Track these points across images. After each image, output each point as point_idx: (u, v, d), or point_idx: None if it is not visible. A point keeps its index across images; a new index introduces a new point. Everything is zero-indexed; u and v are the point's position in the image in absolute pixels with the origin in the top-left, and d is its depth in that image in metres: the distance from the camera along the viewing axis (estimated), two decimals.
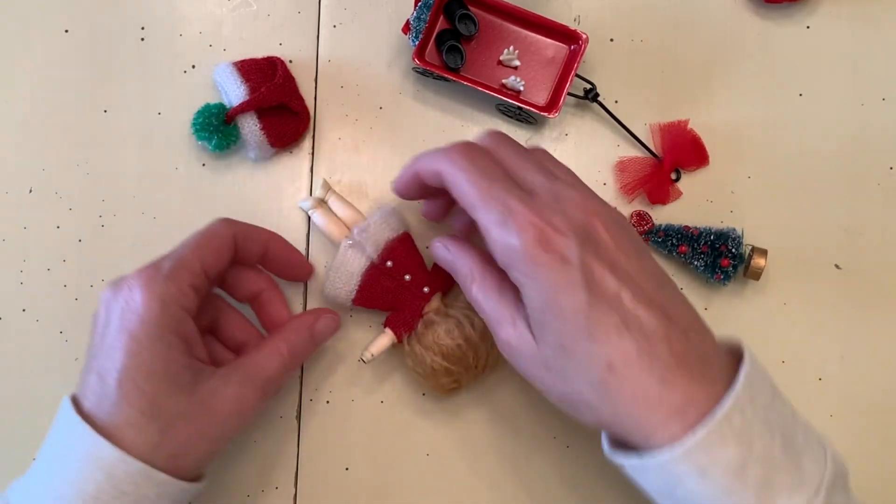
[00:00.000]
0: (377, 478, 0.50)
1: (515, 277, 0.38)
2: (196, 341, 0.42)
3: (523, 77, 0.51)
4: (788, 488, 0.36)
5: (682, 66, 0.53)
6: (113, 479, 0.38)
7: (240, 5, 0.53)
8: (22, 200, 0.52)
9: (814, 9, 0.53)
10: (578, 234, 0.37)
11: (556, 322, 0.37)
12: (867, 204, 0.52)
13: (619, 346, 0.36)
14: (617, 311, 0.37)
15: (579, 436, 0.51)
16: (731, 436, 0.35)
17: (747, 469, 0.35)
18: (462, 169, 0.39)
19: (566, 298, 0.36)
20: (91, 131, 0.52)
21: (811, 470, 0.37)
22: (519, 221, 0.37)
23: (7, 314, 0.51)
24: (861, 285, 0.52)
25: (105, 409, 0.39)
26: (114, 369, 0.39)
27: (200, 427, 0.40)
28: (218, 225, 0.45)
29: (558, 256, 0.37)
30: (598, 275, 0.37)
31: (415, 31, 0.49)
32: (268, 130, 0.50)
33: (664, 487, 0.37)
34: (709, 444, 0.35)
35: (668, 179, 0.52)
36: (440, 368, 0.47)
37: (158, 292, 0.40)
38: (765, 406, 0.37)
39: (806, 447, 0.37)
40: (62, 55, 0.53)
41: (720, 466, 0.35)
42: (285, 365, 0.44)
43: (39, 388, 0.51)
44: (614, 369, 0.36)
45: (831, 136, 0.53)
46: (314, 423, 0.51)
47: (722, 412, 0.35)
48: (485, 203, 0.38)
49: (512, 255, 0.37)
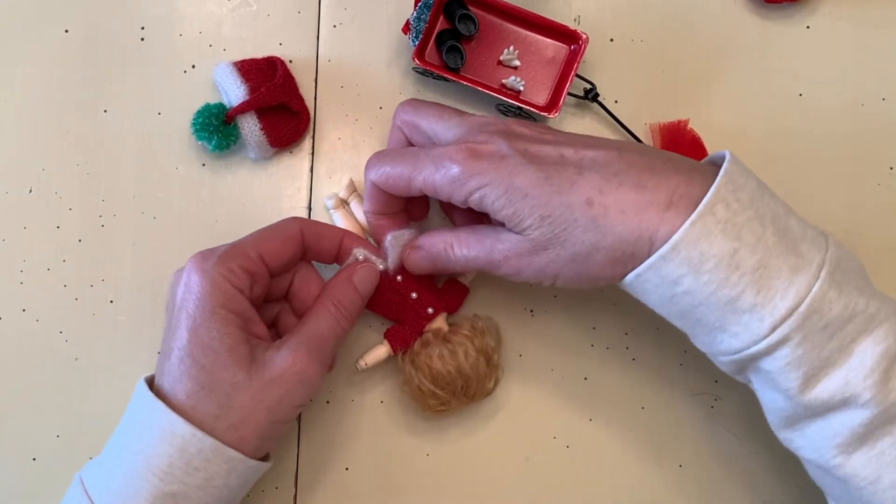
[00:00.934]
0: (377, 478, 0.50)
1: (475, 199, 0.41)
2: (253, 318, 0.43)
3: (523, 77, 0.51)
4: (788, 270, 0.37)
5: (682, 66, 0.53)
6: (185, 454, 0.39)
7: (240, 5, 0.53)
8: (22, 200, 0.52)
9: (814, 9, 0.53)
10: (502, 135, 0.41)
11: (524, 201, 0.39)
12: (867, 204, 0.52)
13: (585, 183, 0.39)
14: (568, 164, 0.40)
15: (579, 436, 0.51)
16: (717, 228, 0.37)
17: (740, 258, 0.37)
18: (382, 163, 0.44)
19: (520, 179, 0.40)
20: (91, 131, 0.52)
21: (810, 253, 0.37)
22: (450, 155, 0.41)
23: (7, 314, 0.51)
24: None
25: (168, 386, 0.41)
26: (176, 347, 0.41)
27: (258, 396, 0.41)
28: (285, 221, 0.46)
29: (496, 156, 0.40)
30: (535, 151, 0.40)
31: (415, 31, 0.49)
32: (268, 130, 0.50)
33: (665, 292, 0.39)
34: (695, 238, 0.37)
35: None
36: (427, 391, 0.47)
37: (209, 272, 0.42)
38: (751, 198, 0.38)
39: (802, 235, 0.38)
40: (62, 55, 0.53)
41: (712, 259, 0.37)
42: (337, 320, 0.44)
43: (39, 388, 0.51)
44: (593, 202, 0.39)
45: (831, 136, 0.53)
46: (314, 423, 0.51)
47: (703, 205, 0.37)
48: (417, 168, 0.42)
49: (461, 182, 0.41)
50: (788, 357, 0.37)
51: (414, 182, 0.42)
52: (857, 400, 0.37)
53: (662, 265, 0.38)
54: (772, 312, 0.37)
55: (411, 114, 0.45)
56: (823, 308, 0.36)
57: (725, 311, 0.37)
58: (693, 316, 0.39)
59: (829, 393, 0.37)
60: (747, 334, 0.37)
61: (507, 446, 0.51)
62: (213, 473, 0.40)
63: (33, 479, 0.50)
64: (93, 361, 0.51)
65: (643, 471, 0.51)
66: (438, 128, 0.44)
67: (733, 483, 0.51)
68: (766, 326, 0.37)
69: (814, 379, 0.37)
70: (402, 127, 0.46)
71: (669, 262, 0.37)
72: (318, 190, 0.52)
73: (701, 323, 0.39)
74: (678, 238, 0.37)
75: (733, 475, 0.51)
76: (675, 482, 0.51)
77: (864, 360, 0.37)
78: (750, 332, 0.37)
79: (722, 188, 0.37)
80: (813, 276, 0.37)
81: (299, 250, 0.46)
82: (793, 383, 0.38)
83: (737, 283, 0.37)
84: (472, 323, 0.48)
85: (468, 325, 0.48)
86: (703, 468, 0.51)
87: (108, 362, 0.51)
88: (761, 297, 0.37)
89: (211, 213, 0.52)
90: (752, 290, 0.37)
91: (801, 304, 0.36)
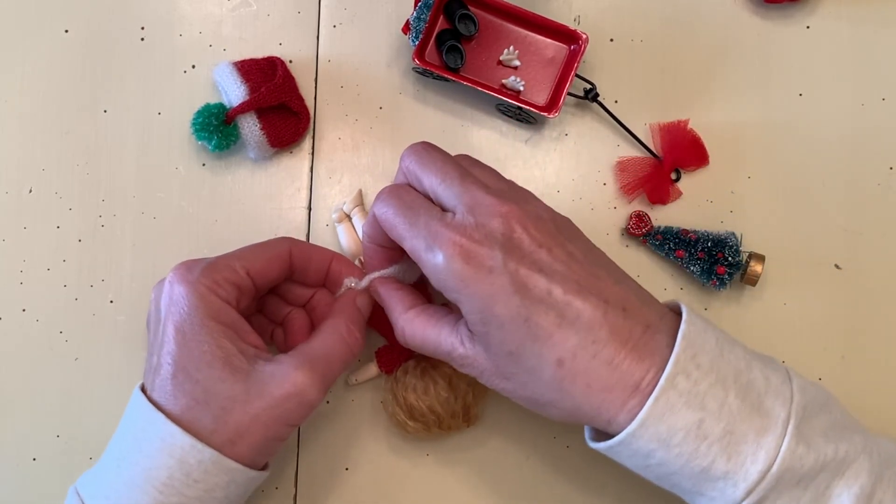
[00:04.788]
0: (377, 478, 0.50)
1: (452, 298, 0.39)
2: (244, 328, 0.42)
3: (523, 77, 0.51)
4: (754, 433, 0.37)
5: (682, 66, 0.53)
6: (185, 466, 0.39)
7: (240, 5, 0.53)
8: (22, 200, 0.52)
9: (814, 9, 0.53)
10: (499, 242, 0.38)
11: (497, 332, 0.38)
12: (867, 204, 0.52)
13: (562, 341, 0.37)
14: (552, 307, 0.38)
15: (579, 436, 0.51)
16: (681, 401, 0.37)
17: (706, 428, 0.37)
18: (386, 206, 0.41)
19: (500, 306, 0.38)
20: (91, 131, 0.52)
21: (775, 409, 0.37)
22: (441, 242, 0.38)
23: (7, 314, 0.51)
24: (861, 285, 0.52)
25: (163, 401, 0.40)
26: (166, 362, 0.40)
27: (255, 411, 0.40)
28: (275, 239, 0.46)
29: (485, 268, 0.38)
30: (525, 277, 0.38)
31: (415, 31, 0.49)
32: (268, 130, 0.50)
33: (639, 462, 0.39)
34: (660, 413, 0.37)
35: (667, 179, 0.52)
36: (401, 420, 0.47)
37: (195, 284, 0.41)
38: (711, 360, 0.38)
39: (766, 387, 0.38)
40: (62, 55, 0.53)
41: (679, 433, 0.37)
42: (346, 342, 0.43)
43: (39, 388, 0.51)
44: (563, 364, 0.38)
45: (831, 136, 0.53)
46: (314, 424, 0.51)
47: (663, 380, 0.37)
48: (411, 232, 0.40)
49: (442, 275, 0.39)
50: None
51: (403, 243, 0.41)
52: None
53: (633, 441, 0.38)
54: (745, 478, 0.37)
55: (415, 166, 0.43)
56: (795, 465, 0.37)
57: (699, 479, 0.38)
58: (669, 482, 0.39)
59: None
60: (724, 499, 0.37)
61: (507, 446, 0.51)
62: (213, 485, 0.39)
63: (33, 479, 0.50)
64: (93, 361, 0.51)
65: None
66: (440, 191, 0.41)
67: None
68: (740, 492, 0.37)
69: None
70: (407, 175, 0.44)
71: (639, 439, 0.37)
72: (317, 190, 0.52)
73: (678, 487, 0.39)
74: (644, 415, 0.37)
75: None
76: None
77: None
78: (726, 497, 0.37)
79: (681, 357, 0.37)
80: (780, 436, 0.37)
81: (286, 270, 0.45)
82: None
83: (706, 452, 0.37)
84: None
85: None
86: None
87: (108, 362, 0.51)
88: (732, 463, 0.37)
89: (211, 213, 0.52)
90: (722, 458, 0.37)
91: (772, 466, 0.36)
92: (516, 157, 0.53)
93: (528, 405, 0.40)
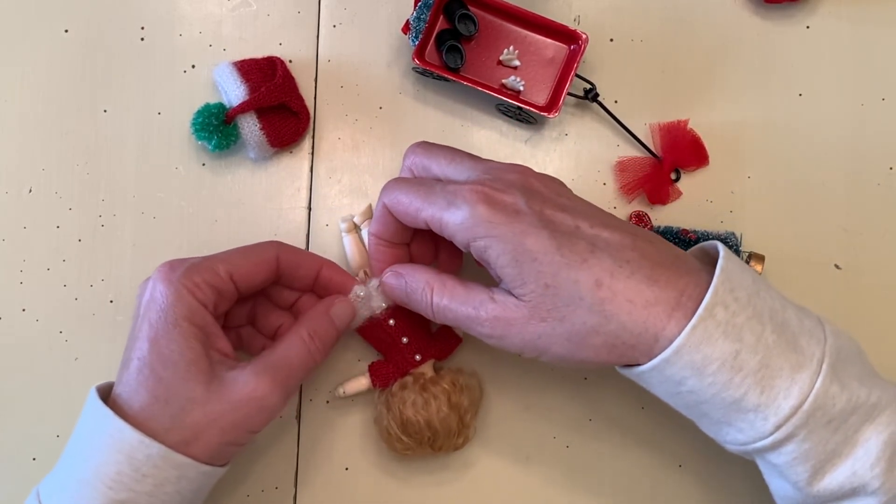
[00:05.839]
0: (377, 478, 0.50)
1: (479, 247, 0.39)
2: (215, 333, 0.42)
3: (523, 77, 0.51)
4: (789, 369, 0.37)
5: (682, 66, 0.53)
6: (133, 461, 0.39)
7: (240, 5, 0.53)
8: (22, 200, 0.52)
9: (814, 9, 0.53)
10: (519, 188, 0.40)
11: (531, 265, 0.38)
12: (867, 204, 0.52)
13: (597, 263, 0.38)
14: (581, 237, 0.39)
15: (579, 436, 0.51)
16: (718, 331, 0.37)
17: (742, 360, 0.37)
18: (397, 188, 0.42)
19: (532, 241, 0.38)
20: (91, 131, 0.52)
21: (810, 348, 0.38)
22: (464, 195, 0.39)
23: (7, 314, 0.51)
24: (861, 285, 0.52)
25: (125, 396, 0.40)
26: (135, 357, 0.41)
27: (213, 415, 0.40)
28: (263, 244, 0.45)
29: (511, 209, 0.39)
30: (550, 215, 0.39)
31: (415, 31, 0.49)
32: (268, 130, 0.50)
33: (670, 389, 0.39)
34: (697, 342, 0.37)
35: (667, 179, 0.52)
36: (394, 434, 0.47)
37: (175, 283, 0.41)
38: (748, 296, 0.38)
39: (801, 328, 0.38)
40: (62, 55, 0.53)
41: (715, 362, 0.37)
42: (308, 350, 0.43)
43: (39, 388, 0.51)
44: (602, 284, 0.38)
45: (831, 136, 0.53)
46: (314, 423, 0.51)
47: (702, 308, 0.37)
48: (428, 200, 0.40)
49: (469, 225, 0.39)
50: (795, 452, 0.38)
51: (421, 213, 0.41)
52: (865, 489, 0.37)
53: (666, 367, 0.38)
54: (776, 412, 0.37)
55: (422, 156, 0.43)
56: (827, 404, 0.37)
57: (730, 409, 0.38)
58: (699, 410, 0.39)
59: (837, 483, 0.38)
60: (752, 431, 0.38)
61: (507, 446, 0.51)
62: (162, 480, 0.39)
63: (33, 479, 0.50)
64: (93, 361, 0.51)
65: (643, 471, 0.51)
66: (450, 171, 0.42)
67: (733, 483, 0.51)
68: (770, 425, 0.37)
69: (821, 471, 0.38)
70: (412, 168, 0.44)
71: (673, 365, 0.37)
72: (317, 190, 0.52)
73: (707, 416, 0.39)
74: (680, 342, 0.37)
75: (733, 475, 0.51)
76: (675, 482, 0.51)
77: (869, 450, 0.37)
78: (755, 430, 0.38)
79: (720, 289, 0.37)
80: (814, 373, 0.37)
81: (273, 275, 0.45)
82: (801, 476, 0.38)
83: (740, 384, 0.37)
84: (454, 378, 0.47)
85: (450, 378, 0.47)
86: (703, 468, 0.51)
87: (108, 362, 0.51)
88: (765, 397, 0.37)
89: (211, 213, 0.52)
90: (755, 391, 0.37)
91: (804, 403, 0.37)
92: (516, 157, 0.52)
93: (568, 345, 0.39)
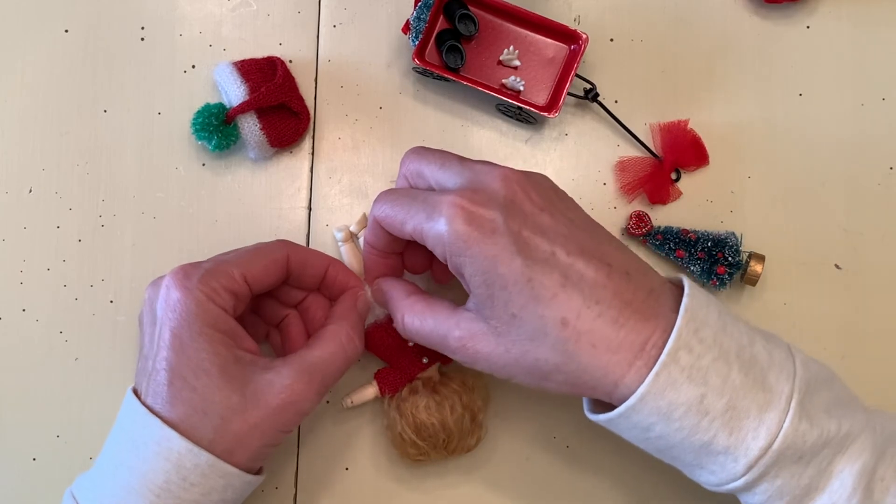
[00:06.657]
0: (377, 478, 0.50)
1: (455, 263, 0.39)
2: (240, 334, 0.42)
3: (523, 77, 0.51)
4: (757, 409, 0.37)
5: (682, 66, 0.53)
6: (181, 470, 0.39)
7: (240, 5, 0.53)
8: (22, 200, 0.52)
9: (814, 9, 0.53)
10: (500, 203, 0.38)
11: (501, 293, 0.38)
12: (867, 204, 0.52)
13: (567, 301, 0.37)
14: (556, 268, 0.38)
15: (579, 436, 0.51)
16: (682, 376, 0.36)
17: (708, 403, 0.36)
18: (384, 201, 0.42)
19: (504, 267, 0.37)
20: (91, 131, 0.52)
21: (779, 384, 0.37)
22: (442, 208, 0.38)
23: (7, 314, 0.51)
24: (861, 285, 0.52)
25: (159, 407, 0.40)
26: (162, 368, 0.40)
27: (254, 421, 0.40)
28: (273, 243, 0.45)
29: (487, 229, 0.38)
30: (527, 238, 0.38)
31: (415, 31, 0.49)
32: (268, 130, 0.50)
33: (639, 435, 0.39)
34: (661, 388, 0.36)
35: (668, 179, 0.52)
36: (408, 440, 0.47)
37: (193, 291, 0.40)
38: (714, 334, 0.38)
39: (770, 362, 0.38)
40: (62, 55, 0.53)
41: (680, 407, 0.36)
42: (345, 353, 0.43)
43: (39, 388, 0.51)
44: (568, 324, 0.37)
45: (831, 136, 0.53)
46: (314, 424, 0.51)
47: (665, 354, 0.36)
48: (410, 212, 0.40)
49: (445, 240, 0.38)
50: (769, 491, 0.38)
51: (405, 226, 0.40)
52: None
53: (632, 414, 0.37)
54: (745, 453, 0.37)
55: (415, 161, 0.43)
56: (797, 442, 0.37)
57: (700, 452, 0.38)
58: (670, 454, 0.39)
59: None
60: (724, 473, 0.38)
61: (507, 446, 0.51)
62: (209, 489, 0.39)
63: (33, 479, 0.50)
64: (93, 361, 0.51)
65: (643, 471, 0.51)
66: (440, 176, 0.42)
67: None
68: (741, 466, 0.37)
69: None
70: (407, 176, 0.44)
71: (638, 413, 0.37)
72: (317, 190, 0.52)
73: (678, 460, 0.39)
74: (645, 389, 0.36)
75: None
76: (675, 482, 0.51)
77: (844, 482, 0.37)
78: (726, 472, 0.37)
79: (683, 331, 0.37)
80: (783, 411, 0.37)
81: (283, 275, 0.45)
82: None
83: (708, 427, 0.37)
84: (463, 378, 0.48)
85: (459, 379, 0.47)
86: None
87: (108, 362, 0.51)
88: (734, 438, 0.37)
89: (211, 213, 0.52)
90: (723, 433, 0.37)
91: (773, 442, 0.36)
92: (516, 157, 0.53)
93: (531, 378, 0.39)
